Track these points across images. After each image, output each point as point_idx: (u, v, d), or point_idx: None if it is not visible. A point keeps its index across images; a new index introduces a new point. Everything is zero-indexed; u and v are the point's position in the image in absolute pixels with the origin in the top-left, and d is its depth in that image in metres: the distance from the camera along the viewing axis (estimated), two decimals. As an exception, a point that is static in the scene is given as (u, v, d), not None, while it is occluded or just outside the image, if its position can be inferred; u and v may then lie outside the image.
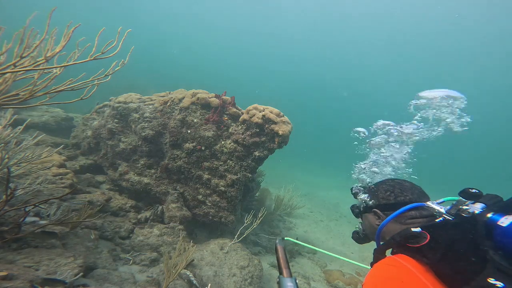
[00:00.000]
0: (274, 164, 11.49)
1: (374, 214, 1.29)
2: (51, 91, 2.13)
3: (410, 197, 1.21)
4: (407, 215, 1.17)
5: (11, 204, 2.26)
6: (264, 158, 4.07)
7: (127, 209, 3.98)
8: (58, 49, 1.92)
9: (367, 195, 1.38)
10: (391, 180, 1.35)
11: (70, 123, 6.58)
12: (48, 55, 1.88)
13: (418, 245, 0.93)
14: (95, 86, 2.25)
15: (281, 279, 1.09)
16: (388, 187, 1.30)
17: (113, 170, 4.55)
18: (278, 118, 3.96)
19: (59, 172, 3.64)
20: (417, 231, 0.99)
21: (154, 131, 4.27)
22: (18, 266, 1.90)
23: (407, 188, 1.26)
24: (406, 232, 1.02)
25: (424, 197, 1.23)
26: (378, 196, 1.30)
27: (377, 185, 1.36)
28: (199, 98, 4.19)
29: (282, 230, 5.97)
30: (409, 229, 1.02)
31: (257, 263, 3.56)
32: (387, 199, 1.26)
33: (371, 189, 1.38)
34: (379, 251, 1.15)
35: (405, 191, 1.24)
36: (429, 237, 0.93)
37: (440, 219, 1.04)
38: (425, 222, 1.12)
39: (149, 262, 3.29)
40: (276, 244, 1.27)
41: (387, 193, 1.27)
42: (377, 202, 1.29)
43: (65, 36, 1.90)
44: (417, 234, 0.97)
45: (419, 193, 1.24)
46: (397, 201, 1.22)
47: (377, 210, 1.27)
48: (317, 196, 10.99)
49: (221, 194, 4.02)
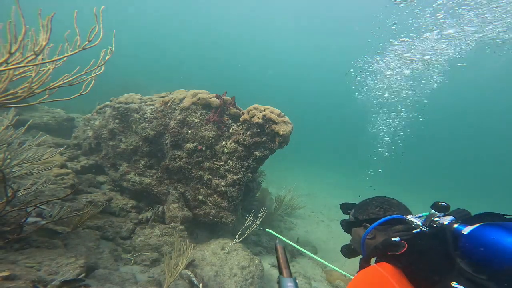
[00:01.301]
0: (275, 164, 11.49)
1: (364, 228, 1.41)
2: (49, 87, 2.13)
3: (397, 212, 1.34)
4: (392, 228, 1.31)
5: (13, 204, 2.27)
6: (264, 158, 4.07)
7: (128, 209, 3.99)
8: (44, 42, 1.90)
9: (357, 211, 1.51)
10: (380, 198, 1.48)
11: (71, 123, 6.61)
12: (36, 50, 1.87)
13: (398, 253, 1.06)
14: (92, 80, 2.25)
15: (281, 279, 1.10)
16: (378, 204, 1.43)
17: (114, 171, 4.56)
18: (279, 118, 3.96)
19: (60, 172, 3.65)
20: (396, 240, 1.12)
21: (155, 132, 4.28)
22: (20, 267, 1.91)
23: (394, 205, 1.40)
24: (386, 242, 1.15)
25: (407, 212, 1.37)
26: (368, 211, 1.43)
27: (367, 202, 1.49)
28: (200, 99, 4.20)
29: (283, 230, 5.98)
30: (390, 239, 1.15)
31: (258, 263, 3.57)
32: (377, 214, 1.38)
33: (361, 205, 1.51)
34: (365, 259, 1.31)
35: (393, 207, 1.38)
36: (407, 246, 1.06)
37: (417, 230, 1.18)
38: (404, 233, 1.24)
39: (150, 262, 3.29)
40: (276, 244, 1.27)
41: (377, 209, 1.40)
42: (367, 216, 1.41)
43: (44, 27, 1.87)
44: (396, 243, 1.10)
45: (404, 209, 1.39)
46: (385, 216, 1.34)
47: (367, 224, 1.39)
48: (318, 196, 10.98)
49: (222, 194, 4.02)
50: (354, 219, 1.49)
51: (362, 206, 1.50)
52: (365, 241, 1.37)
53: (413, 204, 1.83)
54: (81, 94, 2.28)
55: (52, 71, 2.16)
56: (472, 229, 0.98)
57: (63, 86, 2.19)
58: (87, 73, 2.21)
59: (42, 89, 2.12)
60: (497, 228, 0.92)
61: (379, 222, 1.31)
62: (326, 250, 5.57)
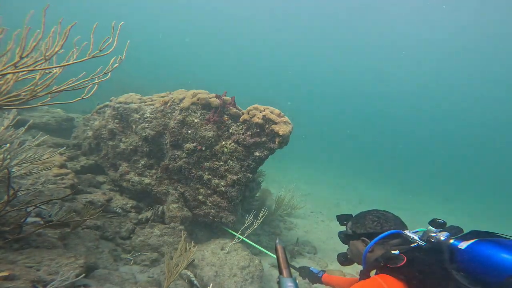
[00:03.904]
0: (275, 164, 11.49)
1: (362, 242, 1.47)
2: (52, 91, 2.13)
3: (394, 227, 1.41)
4: (389, 242, 1.37)
5: (13, 204, 2.27)
6: (264, 158, 4.07)
7: (128, 209, 3.99)
8: (57, 48, 1.92)
9: (354, 224, 1.56)
10: (376, 211, 1.54)
11: (71, 123, 6.60)
12: (47, 54, 1.88)
13: (397, 265, 1.11)
14: (95, 85, 2.25)
15: (281, 279, 1.10)
16: (375, 218, 1.48)
17: (114, 171, 4.56)
18: (279, 118, 3.96)
19: (60, 172, 3.65)
20: (395, 253, 1.19)
21: (155, 132, 4.28)
22: (20, 267, 1.91)
23: (390, 219, 1.46)
24: (387, 255, 1.21)
25: (403, 226, 1.44)
26: (366, 226, 1.48)
27: (364, 216, 1.55)
28: (200, 98, 4.20)
29: (283, 230, 5.98)
30: (390, 252, 1.22)
31: (258, 263, 3.57)
32: (374, 228, 1.44)
33: (358, 219, 1.57)
34: (364, 272, 1.38)
35: (389, 221, 1.44)
36: (406, 259, 1.12)
37: (415, 244, 1.25)
38: (402, 246, 1.31)
39: (149, 263, 3.29)
40: (276, 244, 1.28)
41: (374, 223, 1.45)
42: (365, 230, 1.47)
43: (63, 34, 1.90)
44: (396, 256, 1.16)
45: (400, 223, 1.45)
46: (383, 230, 1.40)
47: (365, 238, 1.45)
48: (318, 196, 10.98)
49: (221, 194, 4.02)
50: (352, 233, 1.54)
51: (359, 220, 1.55)
52: (366, 255, 1.41)
53: (414, 204, 1.82)
54: (83, 98, 2.28)
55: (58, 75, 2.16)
56: (468, 245, 1.06)
57: (66, 90, 2.19)
58: (92, 79, 2.21)
59: (45, 92, 2.12)
60: (491, 244, 1.00)
61: (379, 237, 1.36)
62: (325, 250, 5.57)
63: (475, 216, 15.82)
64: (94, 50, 1.99)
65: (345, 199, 11.76)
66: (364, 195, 13.68)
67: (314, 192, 11.46)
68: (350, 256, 1.63)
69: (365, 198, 12.87)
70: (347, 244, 1.63)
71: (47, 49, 1.89)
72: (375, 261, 1.26)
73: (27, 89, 2.09)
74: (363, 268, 1.43)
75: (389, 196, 15.84)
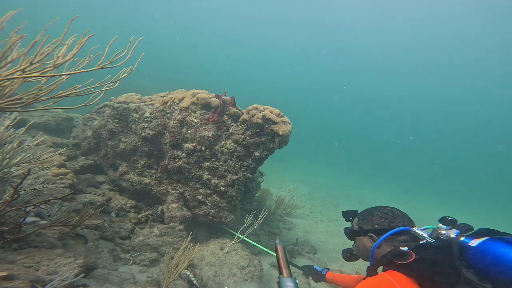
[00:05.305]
0: (275, 164, 11.48)
1: (369, 238, 1.46)
2: (56, 96, 2.12)
3: (402, 223, 1.40)
4: (397, 238, 1.37)
5: (12, 204, 2.26)
6: (264, 158, 4.07)
7: (127, 209, 3.98)
8: (68, 57, 1.93)
9: (361, 220, 1.55)
10: (383, 208, 1.53)
11: (70, 123, 6.59)
12: (57, 63, 1.88)
13: (405, 262, 1.11)
14: (101, 93, 2.26)
15: (281, 279, 1.10)
16: (382, 215, 1.47)
17: (113, 170, 4.55)
18: (278, 118, 3.96)
19: (59, 172, 3.64)
20: (404, 250, 1.19)
21: (154, 131, 4.28)
22: (19, 266, 1.90)
23: (398, 215, 1.45)
24: (395, 251, 1.21)
25: (411, 223, 1.43)
26: (373, 222, 1.47)
27: (371, 212, 1.54)
28: (199, 98, 4.19)
29: (282, 230, 5.97)
30: (398, 248, 1.22)
31: (257, 263, 3.56)
32: (382, 224, 1.43)
33: (365, 215, 1.56)
34: (372, 268, 1.36)
35: (397, 218, 1.44)
36: (414, 256, 1.12)
37: (424, 241, 1.25)
38: (411, 243, 1.31)
39: (149, 262, 3.29)
40: (276, 244, 1.28)
41: (382, 220, 1.45)
42: (372, 227, 1.46)
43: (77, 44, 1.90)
44: (405, 253, 1.16)
45: (408, 219, 1.44)
46: (390, 227, 1.40)
47: (372, 234, 1.44)
48: (317, 196, 10.98)
49: (221, 194, 4.02)
50: (359, 229, 1.53)
51: (366, 216, 1.54)
52: (374, 251, 1.42)
53: (412, 204, 1.80)
54: (86, 104, 2.28)
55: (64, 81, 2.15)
56: (480, 242, 1.06)
57: (70, 96, 2.19)
58: (99, 86, 2.21)
59: (48, 97, 2.11)
60: (503, 243, 1.00)
61: (389, 233, 1.36)
62: (325, 250, 5.57)
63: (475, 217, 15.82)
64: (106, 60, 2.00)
65: (345, 199, 11.76)
66: (364, 195, 13.68)
67: (313, 192, 11.46)
68: (356, 252, 1.62)
69: (365, 198, 12.88)
70: (353, 240, 1.62)
71: (58, 57, 1.88)
72: (383, 257, 1.27)
73: (30, 93, 2.08)
74: (370, 265, 1.43)
75: (389, 197, 15.84)
